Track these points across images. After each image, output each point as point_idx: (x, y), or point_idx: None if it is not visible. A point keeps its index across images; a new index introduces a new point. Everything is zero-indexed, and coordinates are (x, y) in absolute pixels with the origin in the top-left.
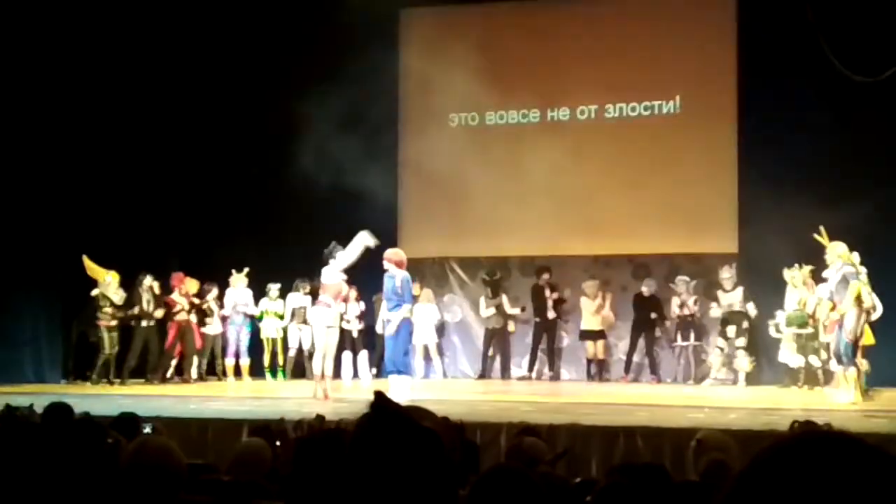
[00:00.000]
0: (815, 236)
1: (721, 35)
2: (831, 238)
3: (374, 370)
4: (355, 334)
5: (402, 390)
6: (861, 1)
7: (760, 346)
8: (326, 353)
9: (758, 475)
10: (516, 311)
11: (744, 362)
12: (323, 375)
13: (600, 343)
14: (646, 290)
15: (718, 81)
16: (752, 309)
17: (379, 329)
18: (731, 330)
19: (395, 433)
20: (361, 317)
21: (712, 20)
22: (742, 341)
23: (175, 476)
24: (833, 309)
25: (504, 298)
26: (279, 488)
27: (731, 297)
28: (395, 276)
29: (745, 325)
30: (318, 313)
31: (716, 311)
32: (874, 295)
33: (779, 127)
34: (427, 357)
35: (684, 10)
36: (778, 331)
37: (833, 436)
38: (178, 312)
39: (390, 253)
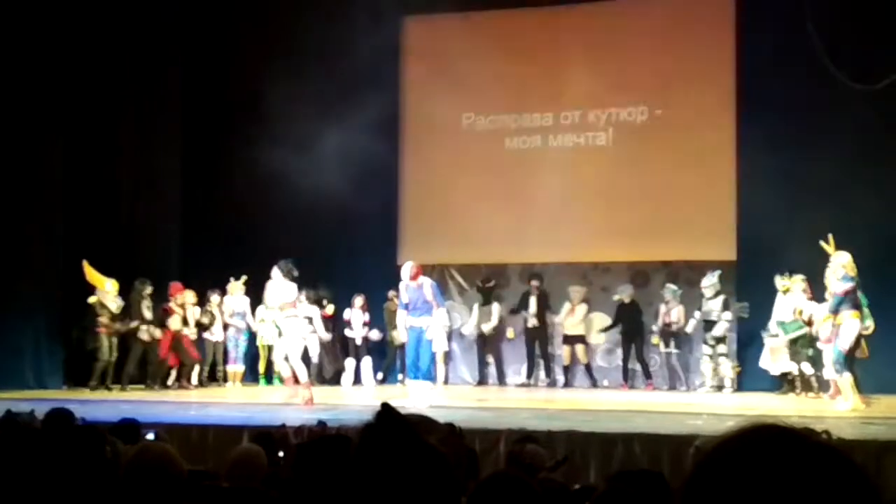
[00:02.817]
0: (822, 244)
1: (720, 40)
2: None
3: (381, 376)
4: (359, 342)
5: (426, 396)
6: (860, 8)
7: (749, 353)
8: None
9: (707, 469)
10: (494, 322)
11: (727, 369)
12: (297, 380)
13: (580, 347)
14: (625, 297)
15: (717, 86)
16: (727, 316)
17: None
18: (710, 338)
19: (400, 448)
20: (368, 324)
21: (711, 25)
22: (723, 348)
23: (175, 482)
24: (829, 318)
25: (496, 306)
26: (278, 494)
27: (712, 305)
28: (423, 283)
29: (722, 332)
30: (292, 327)
31: (693, 323)
32: (866, 308)
33: (777, 132)
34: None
35: (682, 15)
36: (772, 335)
37: (776, 430)
38: (171, 320)
39: (413, 267)
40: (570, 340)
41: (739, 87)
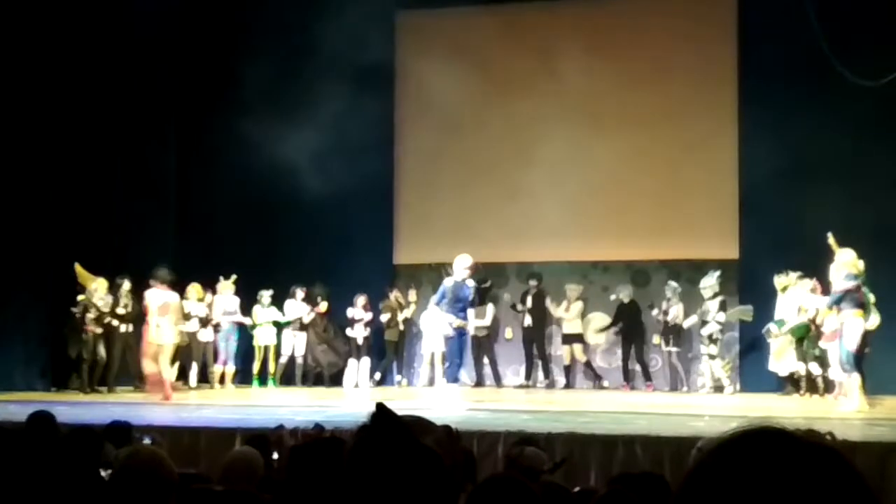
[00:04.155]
0: (829, 242)
1: (722, 37)
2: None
3: (378, 376)
4: (360, 341)
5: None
6: (863, 4)
7: (752, 354)
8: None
9: (703, 473)
10: (484, 322)
11: (718, 369)
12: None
13: (577, 346)
14: (624, 297)
15: (719, 83)
16: (720, 318)
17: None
18: (705, 338)
19: (394, 449)
20: (371, 323)
21: (713, 22)
22: (714, 349)
23: (166, 485)
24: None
25: (490, 307)
26: (272, 497)
27: (709, 306)
28: (468, 282)
29: (710, 332)
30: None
31: (691, 320)
32: (872, 305)
33: (780, 131)
34: (432, 364)
35: (685, 11)
36: (775, 336)
37: (777, 432)
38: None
39: (472, 262)
40: (568, 340)
41: (742, 84)
